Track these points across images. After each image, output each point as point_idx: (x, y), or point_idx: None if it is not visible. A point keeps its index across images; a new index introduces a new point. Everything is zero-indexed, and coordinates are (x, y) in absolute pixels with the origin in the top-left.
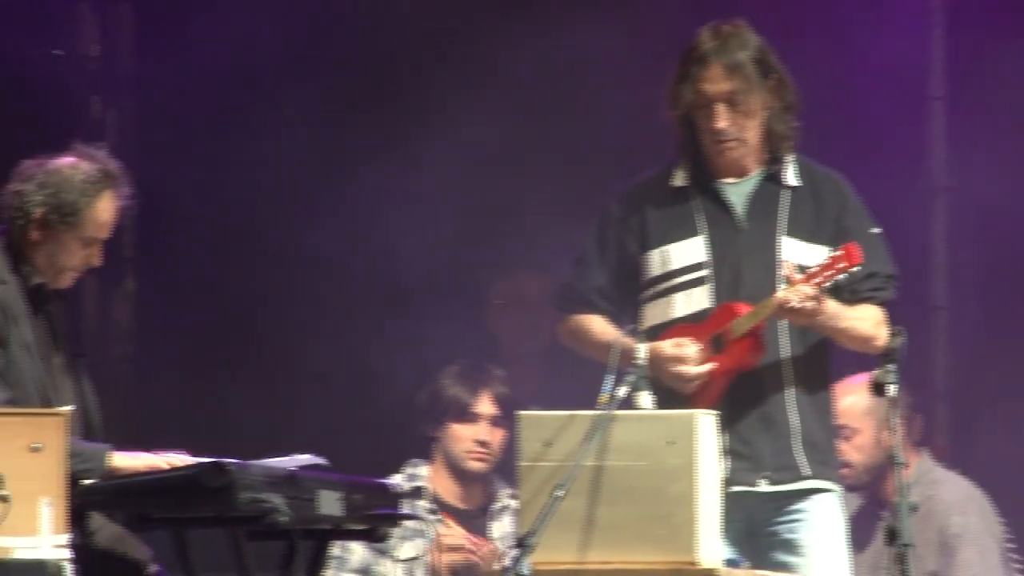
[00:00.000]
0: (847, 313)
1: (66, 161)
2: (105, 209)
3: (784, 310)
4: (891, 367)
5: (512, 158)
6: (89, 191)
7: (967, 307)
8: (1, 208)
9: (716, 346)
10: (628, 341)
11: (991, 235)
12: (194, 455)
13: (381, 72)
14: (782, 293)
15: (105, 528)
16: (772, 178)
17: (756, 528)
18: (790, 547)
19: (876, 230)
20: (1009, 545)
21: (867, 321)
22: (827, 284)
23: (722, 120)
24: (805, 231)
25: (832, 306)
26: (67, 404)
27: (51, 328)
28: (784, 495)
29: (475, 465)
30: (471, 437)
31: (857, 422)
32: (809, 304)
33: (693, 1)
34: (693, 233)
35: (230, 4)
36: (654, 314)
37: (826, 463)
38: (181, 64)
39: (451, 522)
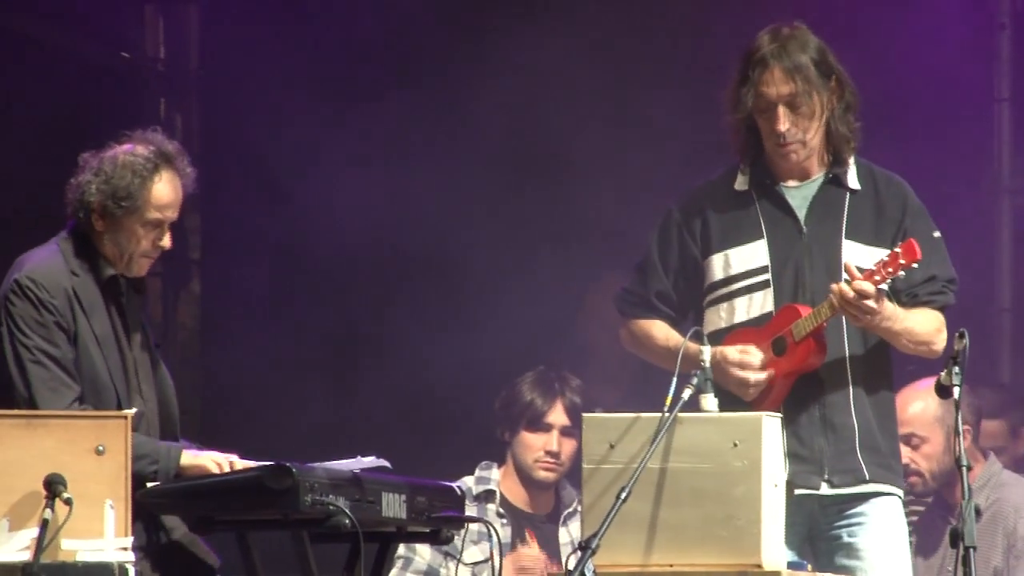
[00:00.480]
0: (905, 316)
1: (122, 148)
2: (163, 190)
3: (843, 302)
4: (956, 369)
5: (601, 167)
6: (143, 173)
7: None
8: (66, 203)
9: (778, 349)
10: (692, 343)
11: None
12: (255, 457)
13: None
14: (834, 288)
15: (179, 527)
16: (834, 181)
17: (817, 531)
18: (851, 551)
19: (937, 234)
20: None
21: (925, 325)
22: (887, 281)
23: (784, 123)
24: (867, 234)
25: (890, 308)
26: (142, 396)
27: (125, 320)
28: (845, 498)
29: (544, 475)
30: (542, 447)
31: (925, 430)
32: (867, 301)
33: (759, 4)
34: (755, 237)
35: (294, 7)
36: (716, 318)
37: (887, 467)
38: (246, 66)
39: (532, 539)
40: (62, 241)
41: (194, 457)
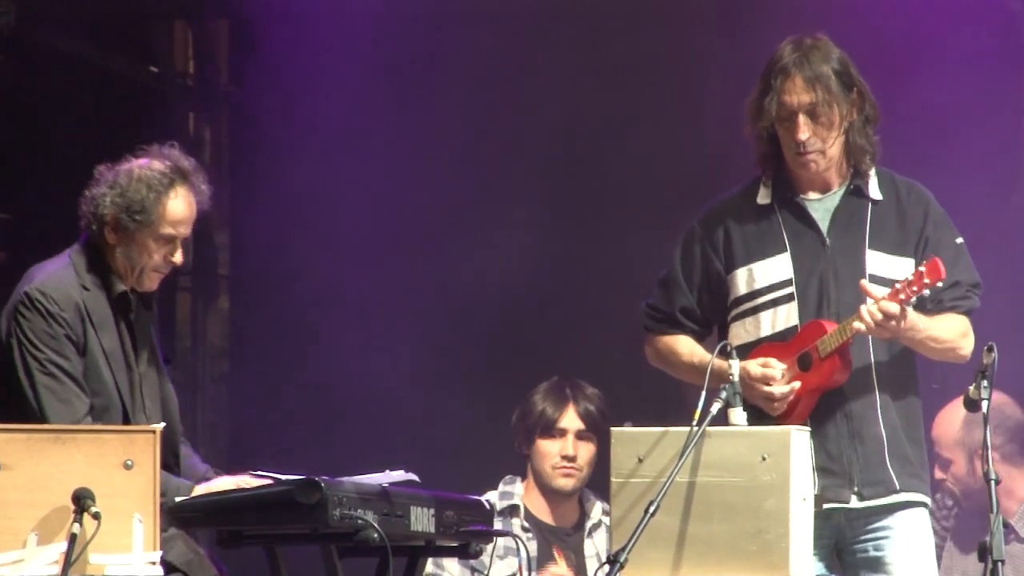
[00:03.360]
0: (928, 324)
1: (137, 162)
2: (177, 207)
3: (872, 327)
4: (984, 383)
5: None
6: (158, 188)
7: None
8: (80, 215)
9: (804, 364)
10: (721, 357)
11: None
12: (279, 471)
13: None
14: (862, 313)
15: (175, 548)
16: (855, 192)
17: (844, 545)
18: (876, 565)
19: (960, 240)
20: None
21: (950, 331)
22: (912, 300)
23: (804, 131)
24: (890, 244)
25: (912, 318)
26: (145, 413)
27: (134, 336)
28: (873, 510)
29: (563, 482)
30: (558, 452)
31: (949, 452)
32: (892, 323)
33: (787, 17)
34: (778, 251)
35: (320, 22)
36: (741, 333)
37: (916, 475)
38: (274, 81)
39: (560, 557)
40: (74, 254)
41: (205, 488)
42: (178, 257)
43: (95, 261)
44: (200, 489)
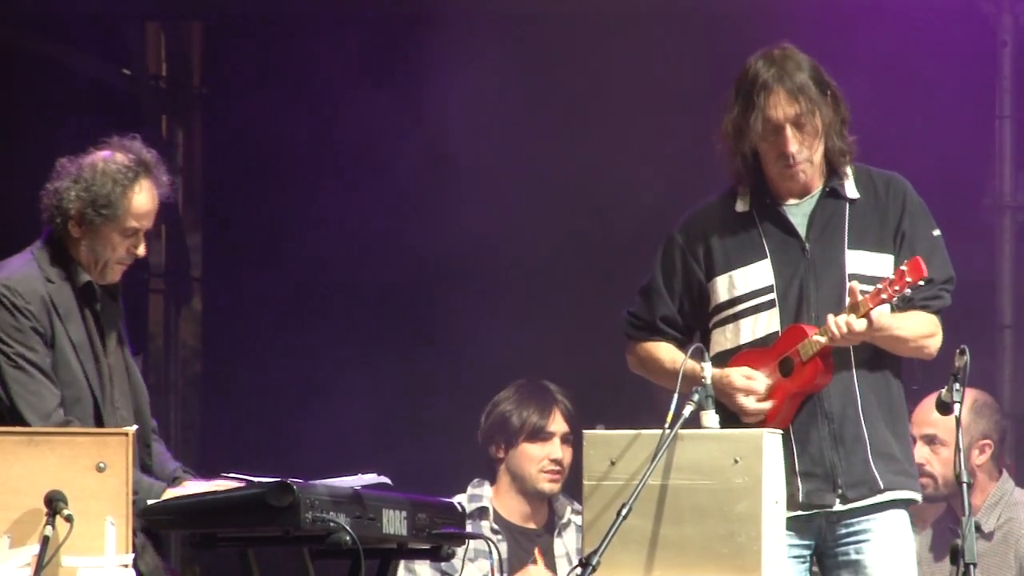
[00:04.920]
0: (895, 322)
1: (100, 155)
2: (142, 200)
3: (840, 341)
4: (956, 386)
5: None
6: (123, 182)
7: None
8: (42, 209)
9: (785, 370)
10: (692, 363)
11: None
12: (251, 474)
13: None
14: (829, 326)
15: (146, 554)
16: (832, 194)
17: (824, 548)
18: (856, 568)
19: (937, 232)
20: None
21: (917, 329)
22: (894, 299)
23: (793, 143)
24: (870, 241)
25: (876, 318)
26: (114, 404)
27: (100, 326)
28: (856, 512)
29: (548, 486)
30: (546, 456)
31: (949, 435)
32: (857, 339)
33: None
34: (759, 257)
35: (294, 24)
36: (723, 339)
37: (903, 472)
38: (247, 83)
39: (540, 557)
40: (37, 250)
41: (176, 493)
42: (141, 249)
43: (58, 255)
44: (172, 493)
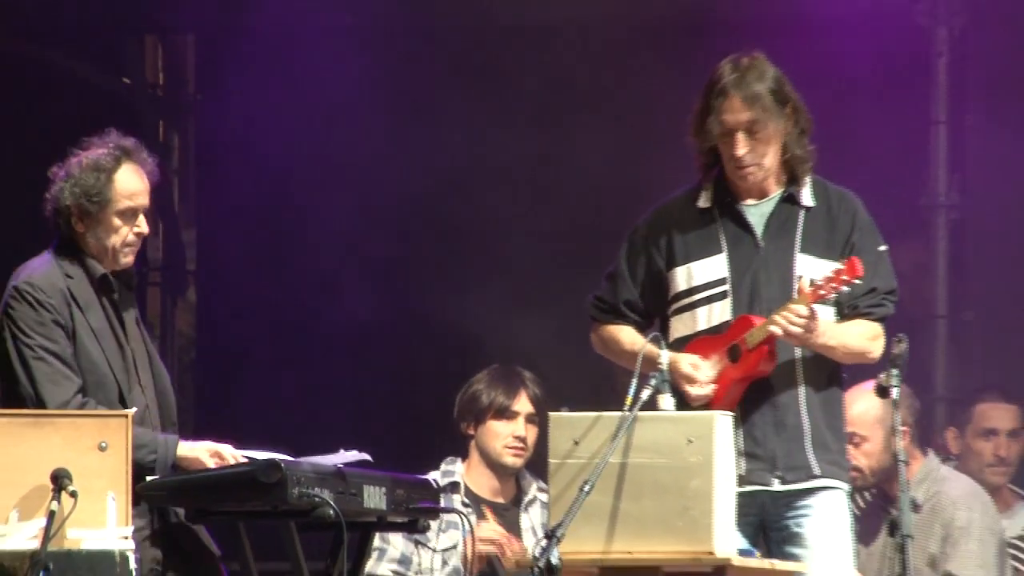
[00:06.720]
0: (839, 332)
1: (84, 153)
2: (128, 179)
3: (780, 333)
4: (895, 371)
5: None
6: (107, 168)
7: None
8: (47, 217)
9: (733, 356)
10: (652, 348)
11: (987, 248)
12: (240, 446)
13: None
14: (776, 318)
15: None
16: (789, 199)
17: (769, 523)
18: (797, 540)
19: (883, 247)
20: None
21: (860, 337)
22: (832, 295)
23: (741, 148)
24: (819, 248)
25: (823, 326)
26: (140, 384)
27: (120, 315)
28: (795, 493)
29: (512, 460)
30: (511, 433)
31: (867, 430)
32: (802, 323)
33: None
34: (716, 251)
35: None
36: (680, 326)
37: (835, 463)
38: (237, 90)
39: (491, 516)
40: (53, 251)
41: (190, 449)
42: (143, 227)
43: (72, 252)
44: (185, 447)
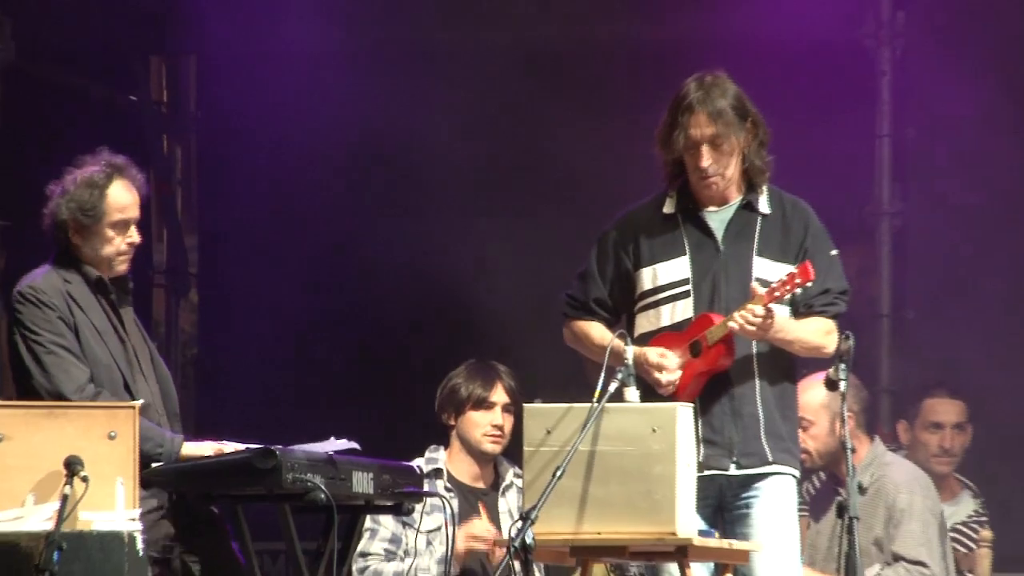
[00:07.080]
0: (795, 327)
1: (78, 171)
2: (119, 194)
3: (738, 330)
4: (843, 366)
5: None
6: (99, 184)
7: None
8: (46, 232)
9: (694, 351)
10: (619, 343)
11: (927, 252)
12: (242, 442)
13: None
14: (735, 316)
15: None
16: (748, 206)
17: (725, 505)
18: (746, 521)
19: (834, 252)
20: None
21: (815, 332)
22: (785, 297)
23: (706, 160)
24: (775, 252)
25: (780, 322)
26: (144, 376)
27: (119, 315)
28: (749, 477)
29: (490, 447)
30: (489, 422)
31: (813, 415)
32: (758, 321)
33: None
34: (679, 254)
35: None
36: (645, 322)
37: (787, 450)
38: (237, 107)
39: (484, 511)
40: (52, 262)
41: (195, 448)
42: (135, 237)
43: (70, 261)
44: (189, 447)
